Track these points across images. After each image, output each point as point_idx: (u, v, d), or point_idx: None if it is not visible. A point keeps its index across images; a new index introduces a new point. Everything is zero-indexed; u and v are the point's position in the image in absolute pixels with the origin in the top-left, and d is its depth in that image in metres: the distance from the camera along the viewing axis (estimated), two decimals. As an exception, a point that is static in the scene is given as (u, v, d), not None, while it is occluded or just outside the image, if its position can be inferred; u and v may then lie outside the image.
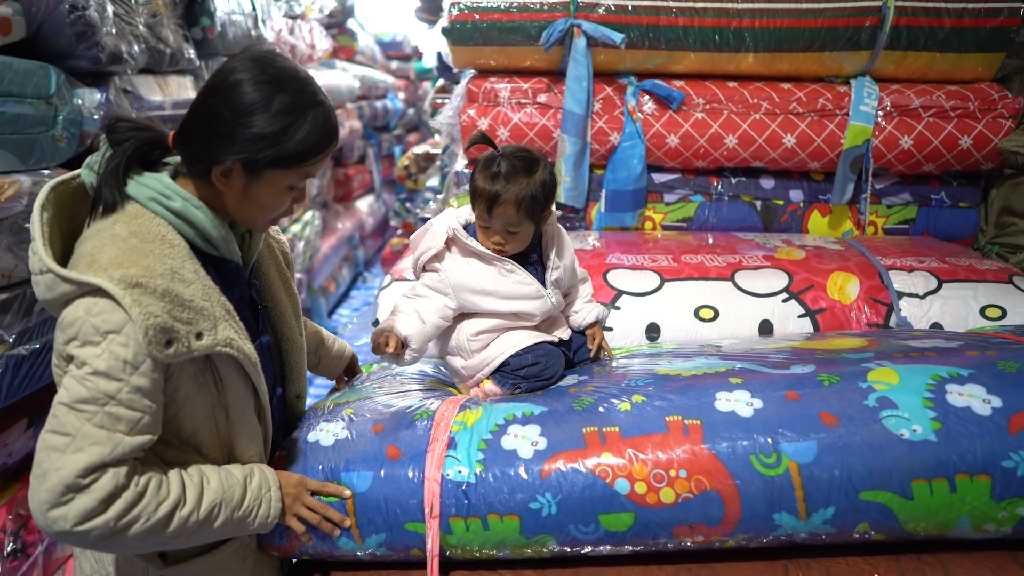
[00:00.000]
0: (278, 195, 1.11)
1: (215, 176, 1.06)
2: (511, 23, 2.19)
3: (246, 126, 1.04)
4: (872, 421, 1.16)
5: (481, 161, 1.42)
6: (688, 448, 1.16)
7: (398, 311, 1.44)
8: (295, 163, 1.08)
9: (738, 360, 1.40)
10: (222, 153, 1.05)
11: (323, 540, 1.21)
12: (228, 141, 1.04)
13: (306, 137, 1.07)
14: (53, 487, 0.92)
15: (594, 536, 1.17)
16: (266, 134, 1.04)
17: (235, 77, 1.05)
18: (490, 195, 1.38)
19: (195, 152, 1.07)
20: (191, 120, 1.08)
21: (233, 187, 1.08)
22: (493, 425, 1.25)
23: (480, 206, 1.41)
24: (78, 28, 2.05)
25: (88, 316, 0.95)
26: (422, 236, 1.52)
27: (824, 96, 2.21)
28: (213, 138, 1.05)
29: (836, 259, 1.91)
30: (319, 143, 1.09)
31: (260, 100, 1.04)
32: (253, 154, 1.05)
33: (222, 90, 1.05)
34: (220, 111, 1.04)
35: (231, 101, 1.04)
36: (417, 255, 1.50)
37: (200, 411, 1.08)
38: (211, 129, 1.05)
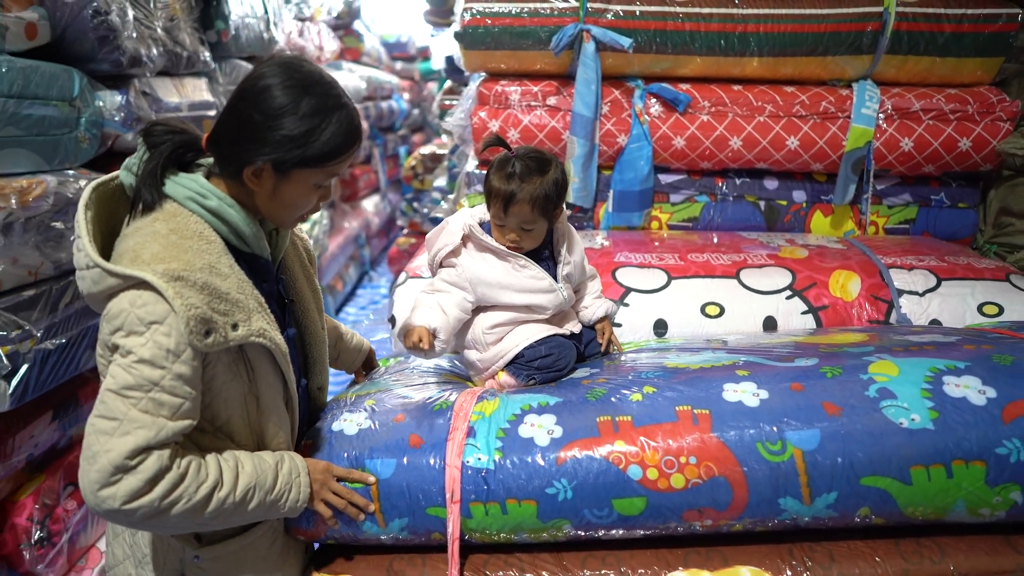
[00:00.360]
0: (305, 193, 1.17)
1: (246, 176, 1.12)
2: (522, 28, 2.24)
3: (275, 129, 1.09)
4: (873, 411, 1.21)
5: (496, 162, 1.48)
6: (697, 436, 1.22)
7: (420, 306, 1.49)
8: (322, 163, 1.14)
9: (744, 354, 1.46)
10: (253, 154, 1.10)
11: (348, 524, 1.27)
12: (259, 143, 1.10)
13: (332, 138, 1.12)
14: (103, 468, 0.98)
15: (608, 520, 1.23)
16: (294, 136, 1.10)
17: (264, 82, 1.10)
18: (506, 194, 1.44)
19: (227, 154, 1.13)
20: (223, 124, 1.13)
21: (263, 186, 1.13)
22: (510, 415, 1.31)
23: (496, 205, 1.46)
24: (101, 32, 2.11)
25: (133, 308, 1.01)
26: (438, 234, 1.58)
27: (827, 99, 2.27)
28: (244, 141, 1.11)
29: (838, 258, 1.97)
30: (344, 143, 1.15)
31: (288, 104, 1.09)
32: (282, 155, 1.10)
33: (252, 95, 1.11)
34: (251, 115, 1.10)
35: (261, 105, 1.10)
36: (434, 252, 1.56)
37: (233, 399, 1.14)
38: (242, 132, 1.11)
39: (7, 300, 1.78)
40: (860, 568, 1.22)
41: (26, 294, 1.84)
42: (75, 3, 2.05)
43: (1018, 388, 1.22)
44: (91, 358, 2.05)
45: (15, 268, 1.81)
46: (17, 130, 1.84)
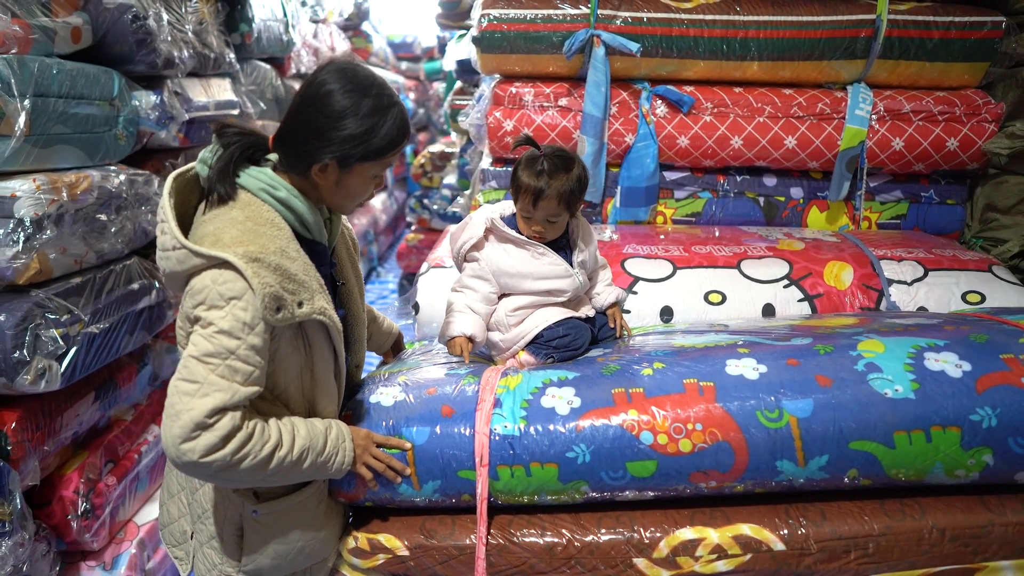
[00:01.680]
0: (365, 184, 1.31)
1: (314, 172, 1.26)
2: (536, 33, 2.37)
3: (339, 129, 1.23)
4: (861, 382, 1.35)
5: (524, 159, 1.61)
6: (703, 406, 1.35)
7: (453, 311, 1.64)
8: (380, 156, 1.27)
9: (744, 335, 1.59)
10: (320, 152, 1.24)
11: (386, 487, 1.40)
12: (325, 142, 1.23)
13: (388, 133, 1.26)
14: (185, 424, 1.11)
15: (622, 482, 1.36)
16: (357, 134, 1.23)
17: (326, 88, 1.23)
18: (536, 190, 1.57)
19: (294, 153, 1.27)
20: (290, 125, 1.27)
21: (328, 180, 1.27)
22: (533, 388, 1.44)
23: (525, 199, 1.59)
24: (139, 36, 2.24)
25: (215, 284, 1.14)
26: (462, 230, 1.71)
27: (823, 101, 2.39)
28: (311, 141, 1.24)
29: (832, 250, 2.10)
30: (398, 137, 1.28)
31: (350, 106, 1.23)
32: (347, 152, 1.24)
33: (316, 99, 1.24)
34: (316, 117, 1.23)
35: (325, 109, 1.23)
36: (459, 246, 1.69)
37: (292, 369, 1.27)
38: (309, 133, 1.24)
39: (58, 287, 1.91)
40: (849, 525, 1.35)
41: (73, 281, 1.97)
42: (116, 8, 2.18)
43: (991, 362, 1.35)
44: (129, 343, 2.18)
45: (64, 257, 1.93)
46: (66, 128, 1.97)
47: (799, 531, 1.35)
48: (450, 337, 1.63)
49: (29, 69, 1.82)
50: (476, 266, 1.66)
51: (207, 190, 1.26)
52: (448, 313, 1.66)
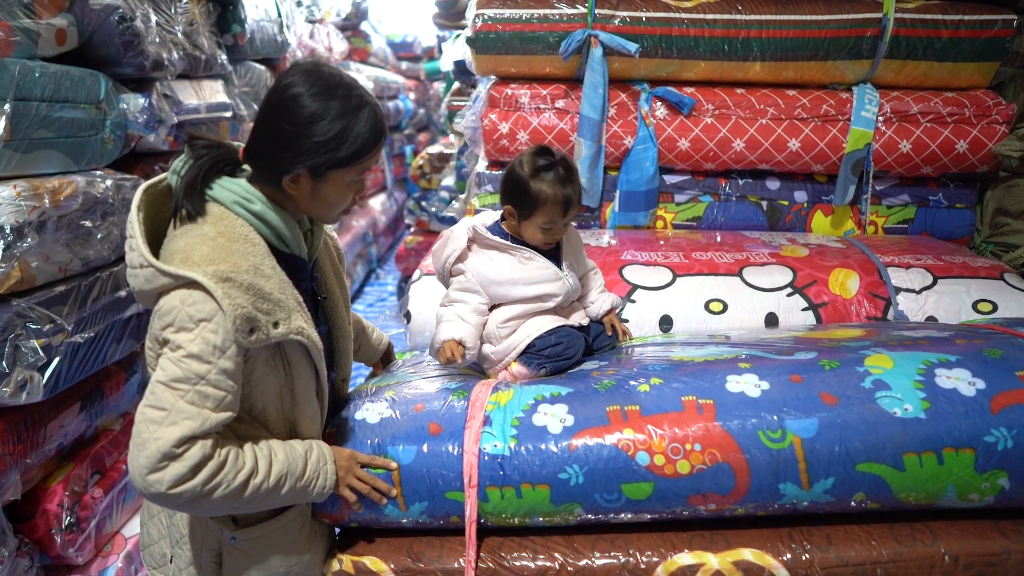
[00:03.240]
0: (342, 191, 1.24)
1: (285, 183, 1.19)
2: (532, 33, 2.31)
3: (307, 137, 1.16)
4: (868, 401, 1.28)
5: (537, 169, 1.53)
6: (702, 425, 1.29)
7: (441, 322, 1.58)
8: (353, 162, 1.20)
9: (746, 348, 1.53)
10: (290, 163, 1.18)
11: (371, 508, 1.34)
12: (293, 152, 1.17)
13: (359, 137, 1.18)
14: (152, 455, 1.05)
15: (617, 504, 1.30)
16: (325, 141, 1.16)
17: (290, 92, 1.16)
18: (566, 198, 1.53)
19: (264, 165, 1.21)
20: (257, 137, 1.20)
21: (302, 191, 1.21)
22: (524, 404, 1.38)
23: (553, 210, 1.53)
24: (126, 37, 2.19)
25: (183, 305, 1.08)
26: (444, 245, 1.65)
27: (827, 102, 2.33)
28: (279, 151, 1.18)
29: (838, 256, 2.04)
30: (371, 139, 1.21)
31: (316, 111, 1.16)
32: (317, 160, 1.17)
33: (280, 106, 1.17)
34: (283, 127, 1.17)
35: (291, 116, 1.16)
36: (442, 261, 1.64)
37: (270, 391, 1.21)
38: (276, 144, 1.18)
39: (40, 295, 1.85)
40: (856, 550, 1.29)
41: (57, 290, 1.92)
42: (102, 9, 2.12)
43: (1006, 380, 1.29)
44: (116, 351, 2.13)
45: (47, 265, 1.88)
46: (49, 132, 1.92)
47: (803, 556, 1.29)
48: (439, 343, 1.55)
49: (9, 72, 1.77)
50: (462, 279, 1.61)
51: (174, 206, 1.20)
52: (437, 324, 1.60)
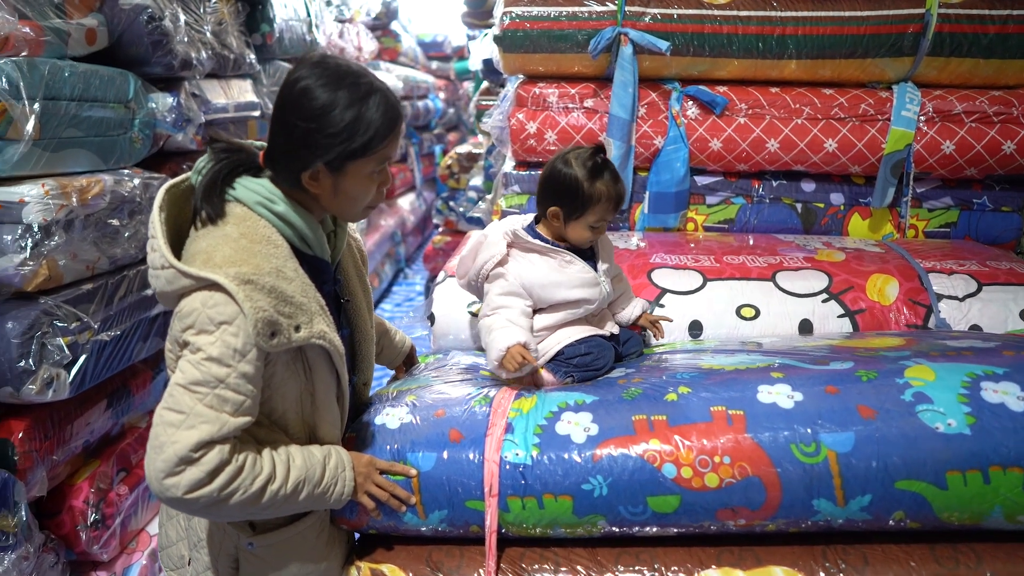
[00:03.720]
0: (364, 184, 1.21)
1: (305, 181, 1.17)
2: (560, 31, 2.27)
3: (320, 130, 1.13)
4: (908, 415, 1.22)
5: (590, 167, 1.50)
6: (732, 437, 1.24)
7: (494, 330, 1.50)
8: (369, 150, 1.16)
9: (779, 356, 1.47)
10: (306, 160, 1.15)
11: (390, 515, 1.32)
12: (308, 148, 1.14)
13: (372, 123, 1.15)
14: (168, 458, 1.04)
15: (642, 517, 1.26)
16: (338, 132, 1.13)
17: (299, 86, 1.14)
18: (619, 195, 1.52)
19: (283, 166, 1.18)
20: (273, 137, 1.18)
21: (323, 187, 1.18)
22: (547, 412, 1.34)
23: (607, 208, 1.52)
24: (154, 37, 2.20)
25: (204, 308, 1.06)
26: (477, 251, 1.60)
27: (866, 101, 2.25)
28: (295, 149, 1.15)
29: (876, 261, 1.96)
30: (385, 125, 1.17)
31: (326, 102, 1.12)
32: (332, 153, 1.14)
33: (290, 101, 1.15)
34: (295, 123, 1.14)
35: (301, 111, 1.13)
36: (479, 266, 1.58)
37: (290, 395, 1.19)
38: (291, 141, 1.15)
39: (67, 293, 1.87)
40: (894, 572, 1.23)
41: (84, 288, 1.93)
42: (131, 9, 2.13)
43: (1058, 395, 1.21)
44: (143, 349, 2.14)
45: (74, 263, 1.90)
46: (78, 131, 1.93)
47: (837, 576, 1.23)
48: (502, 351, 1.45)
49: (39, 72, 1.78)
50: (504, 283, 1.55)
51: (193, 209, 1.19)
52: (488, 334, 1.51)
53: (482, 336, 1.53)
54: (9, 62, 1.70)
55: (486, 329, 1.52)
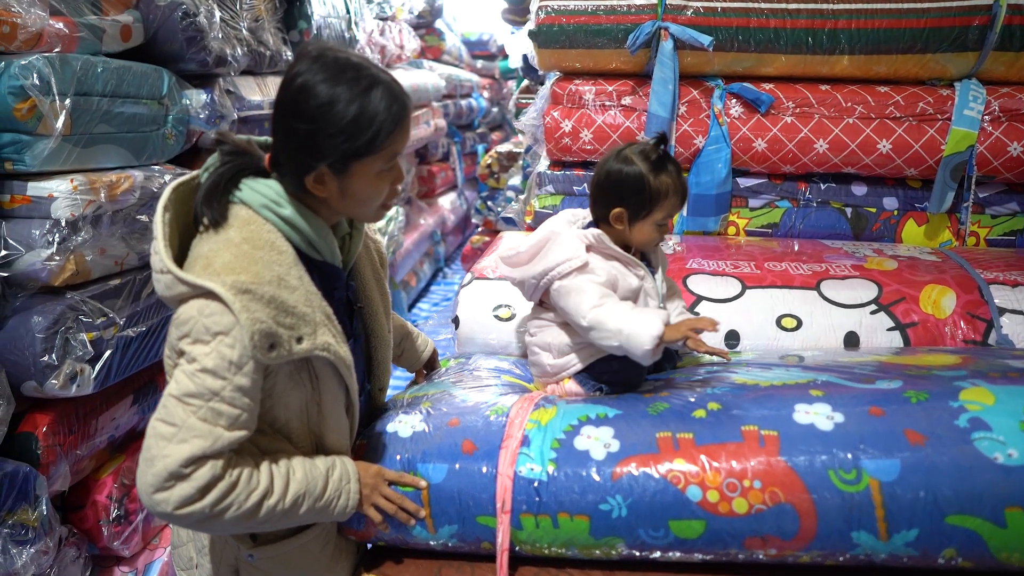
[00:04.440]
0: (373, 183, 1.14)
1: (310, 185, 1.11)
2: (597, 26, 2.19)
3: (320, 131, 1.07)
4: (962, 442, 1.11)
5: (652, 161, 1.41)
6: (764, 459, 1.14)
7: (626, 316, 1.33)
8: (375, 148, 1.09)
9: (820, 372, 1.37)
10: (308, 163, 1.09)
11: (398, 528, 1.26)
12: (310, 150, 1.08)
13: (375, 119, 1.07)
14: (158, 473, 0.99)
15: (664, 541, 1.17)
16: (339, 131, 1.06)
17: (296, 83, 1.07)
18: (684, 187, 1.45)
19: (287, 171, 1.13)
20: (275, 141, 1.13)
21: (330, 190, 1.12)
22: (567, 425, 1.27)
23: (674, 202, 1.43)
24: (189, 33, 2.20)
25: (201, 316, 1.02)
26: (543, 247, 1.47)
27: (924, 100, 2.11)
28: (296, 153, 1.10)
29: (931, 271, 1.83)
30: (388, 120, 1.09)
31: (325, 100, 1.06)
32: (335, 154, 1.08)
33: (288, 102, 1.09)
34: (293, 125, 1.08)
35: (300, 111, 1.07)
36: (548, 267, 1.43)
37: (294, 405, 1.14)
38: (291, 144, 1.10)
39: (95, 289, 1.87)
40: (942, 614, 1.12)
41: (112, 283, 1.93)
42: (167, 6, 2.14)
43: None
44: (170, 346, 2.14)
45: (103, 259, 1.90)
46: (110, 127, 1.93)
47: (878, 615, 1.13)
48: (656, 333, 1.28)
49: (71, 67, 1.78)
50: (595, 276, 1.40)
51: (194, 214, 1.14)
52: (621, 321, 1.32)
53: (604, 330, 1.34)
54: (41, 58, 1.70)
55: (612, 318, 1.33)
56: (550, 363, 1.52)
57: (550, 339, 1.52)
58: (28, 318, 1.68)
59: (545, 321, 1.54)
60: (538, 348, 1.55)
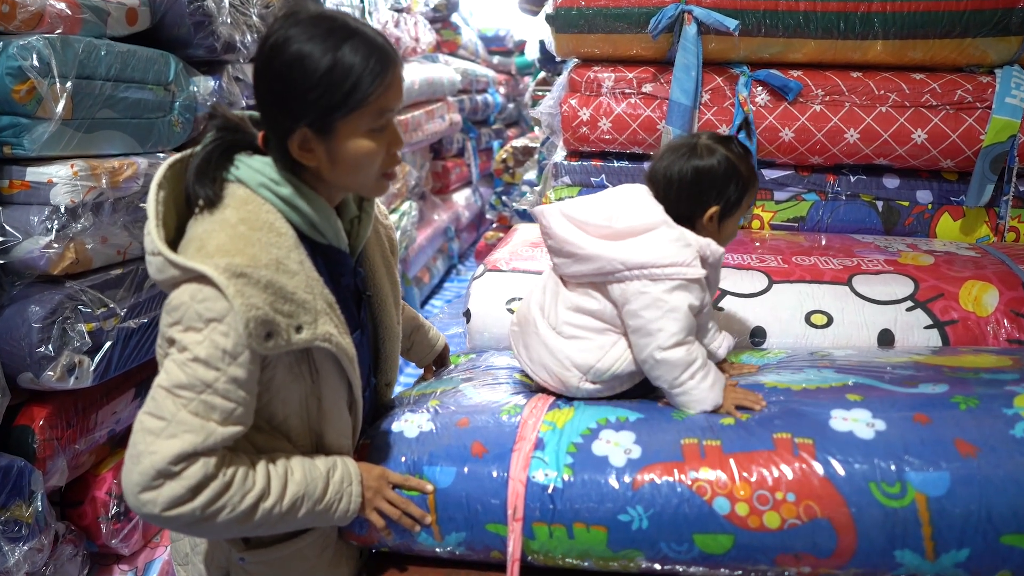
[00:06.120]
0: (363, 145, 1.04)
1: (295, 153, 1.03)
2: (618, 9, 2.10)
3: (294, 87, 0.98)
4: (1019, 454, 1.01)
5: (736, 151, 1.30)
6: (798, 469, 1.05)
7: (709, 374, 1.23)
8: (356, 101, 1.00)
9: (855, 374, 1.27)
10: (287, 125, 1.01)
11: (402, 534, 1.19)
12: (286, 110, 1.00)
13: (351, 69, 0.98)
14: (145, 471, 0.93)
15: (687, 556, 1.09)
16: (313, 85, 0.98)
17: (268, 44, 1.00)
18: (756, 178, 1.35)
19: (272, 143, 1.05)
20: (259, 111, 1.05)
21: (318, 156, 1.04)
22: (584, 428, 1.19)
23: (754, 192, 1.33)
24: (197, 18, 2.13)
25: (193, 302, 0.95)
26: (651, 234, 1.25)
27: (963, 87, 2.00)
28: (274, 116, 1.02)
29: (971, 266, 1.72)
30: (367, 71, 0.99)
31: (297, 54, 0.97)
32: (313, 112, 0.99)
33: (262, 63, 1.01)
34: (271, 86, 1.00)
35: (272, 70, 0.99)
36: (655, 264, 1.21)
37: (292, 400, 1.07)
38: (268, 108, 1.02)
39: (95, 278, 1.81)
40: (994, 641, 1.02)
41: (113, 273, 1.88)
42: (174, -11, 2.08)
43: None
44: (174, 339, 2.08)
45: (104, 248, 1.84)
46: (113, 112, 1.88)
47: (922, 640, 1.03)
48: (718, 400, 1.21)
49: (73, 49, 1.72)
50: (693, 300, 1.23)
51: (186, 193, 1.06)
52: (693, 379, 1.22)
53: (671, 374, 1.21)
54: (41, 39, 1.64)
55: (687, 369, 1.21)
56: (574, 384, 1.30)
57: (593, 359, 1.28)
58: (25, 307, 1.62)
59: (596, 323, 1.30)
60: (570, 363, 1.29)
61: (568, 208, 1.32)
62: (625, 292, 1.24)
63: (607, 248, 1.24)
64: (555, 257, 1.33)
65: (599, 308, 1.29)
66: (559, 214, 1.32)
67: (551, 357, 1.31)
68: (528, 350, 1.37)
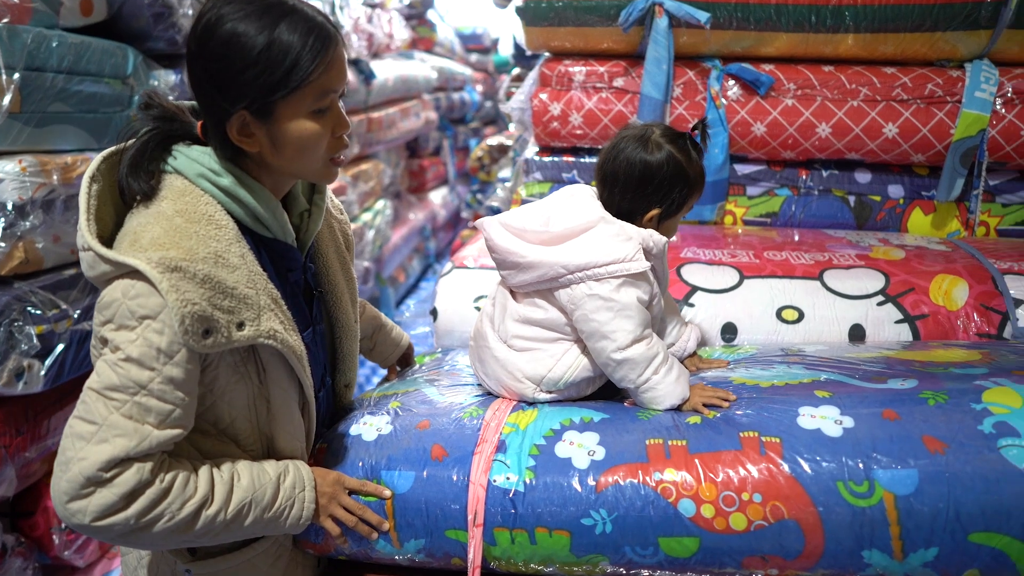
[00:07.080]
0: (306, 128, 0.99)
1: (235, 139, 0.98)
2: (588, 2, 2.07)
3: (229, 68, 0.94)
4: (987, 450, 0.99)
5: (682, 148, 1.22)
6: (764, 469, 1.02)
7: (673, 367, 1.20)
8: (295, 80, 0.95)
9: (825, 370, 1.25)
10: (224, 109, 0.96)
11: (359, 542, 1.14)
12: (224, 95, 0.95)
13: (289, 47, 0.93)
14: (74, 478, 0.87)
15: (652, 560, 1.05)
16: (249, 64, 0.93)
17: (200, 25, 0.95)
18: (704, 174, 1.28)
19: (211, 131, 1.00)
20: (195, 97, 1.00)
21: (259, 141, 0.99)
22: (547, 430, 1.15)
23: (699, 190, 1.26)
24: (156, 9, 2.07)
25: (125, 299, 0.90)
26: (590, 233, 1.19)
27: (933, 81, 1.99)
28: (211, 101, 0.97)
29: (941, 260, 1.71)
30: (306, 50, 0.94)
31: (231, 35, 0.93)
32: (250, 92, 0.95)
33: (196, 46, 0.96)
34: (206, 69, 0.95)
35: (208, 52, 0.95)
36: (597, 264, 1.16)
37: (239, 402, 1.02)
38: (204, 92, 0.97)
39: (47, 279, 1.75)
40: (964, 641, 1.00)
41: (67, 273, 1.82)
42: (131, -21, 2.01)
43: None
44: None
45: (57, 247, 1.78)
46: (66, 106, 1.81)
47: (892, 642, 1.01)
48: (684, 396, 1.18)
49: (21, 40, 1.66)
50: (642, 294, 1.19)
51: (119, 187, 1.01)
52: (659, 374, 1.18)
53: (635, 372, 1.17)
54: (-17, 28, 1.57)
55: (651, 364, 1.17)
56: (529, 396, 1.26)
57: (544, 369, 1.23)
58: (-32, 310, 1.55)
59: (546, 333, 1.25)
60: (522, 375, 1.24)
61: (506, 218, 1.26)
62: (572, 297, 1.18)
63: (547, 253, 1.19)
64: (501, 269, 1.28)
65: (546, 317, 1.24)
66: (498, 225, 1.26)
67: (503, 370, 1.27)
68: (483, 364, 1.32)
